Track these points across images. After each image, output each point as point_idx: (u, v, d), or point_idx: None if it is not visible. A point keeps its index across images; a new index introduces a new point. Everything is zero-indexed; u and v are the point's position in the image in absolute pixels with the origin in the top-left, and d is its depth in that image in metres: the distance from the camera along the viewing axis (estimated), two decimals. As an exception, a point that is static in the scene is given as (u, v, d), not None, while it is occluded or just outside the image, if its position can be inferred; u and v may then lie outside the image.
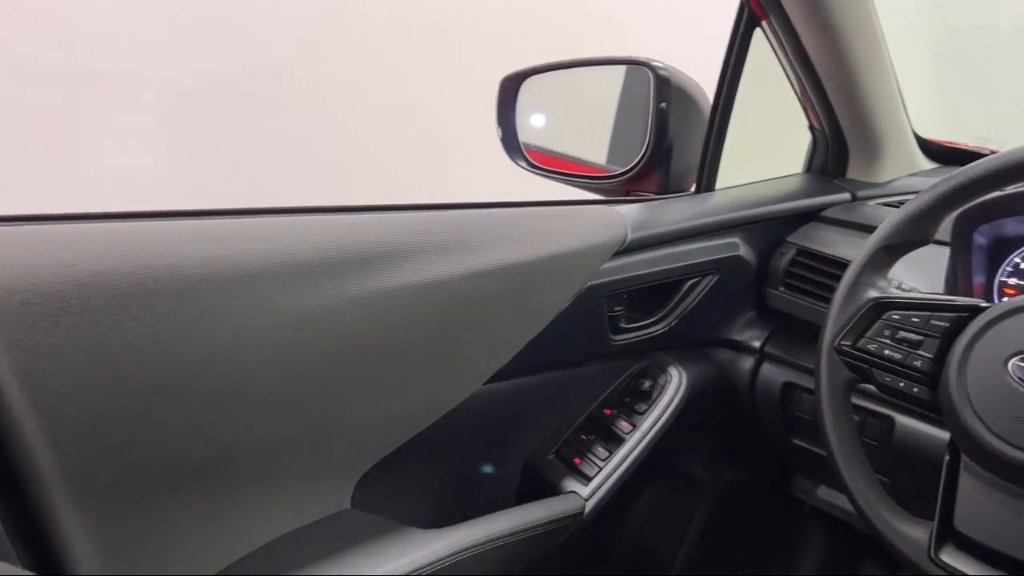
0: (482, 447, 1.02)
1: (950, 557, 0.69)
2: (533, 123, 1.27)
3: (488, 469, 1.05)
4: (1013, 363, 0.68)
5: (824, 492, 1.24)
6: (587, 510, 0.98)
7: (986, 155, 0.77)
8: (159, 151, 2.09)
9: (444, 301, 0.83)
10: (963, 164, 0.78)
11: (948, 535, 0.70)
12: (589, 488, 1.00)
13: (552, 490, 1.01)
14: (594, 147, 1.30)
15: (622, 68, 1.20)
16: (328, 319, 0.75)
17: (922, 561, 0.71)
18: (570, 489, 1.00)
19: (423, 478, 0.98)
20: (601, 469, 1.01)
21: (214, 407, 0.71)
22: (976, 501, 0.69)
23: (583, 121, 1.38)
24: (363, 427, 0.85)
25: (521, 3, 2.42)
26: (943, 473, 0.72)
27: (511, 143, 1.25)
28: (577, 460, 1.04)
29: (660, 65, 1.10)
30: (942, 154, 1.26)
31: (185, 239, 0.68)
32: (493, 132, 1.27)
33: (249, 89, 2.13)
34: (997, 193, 0.89)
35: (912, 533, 0.72)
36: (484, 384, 0.93)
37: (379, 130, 2.31)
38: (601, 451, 1.03)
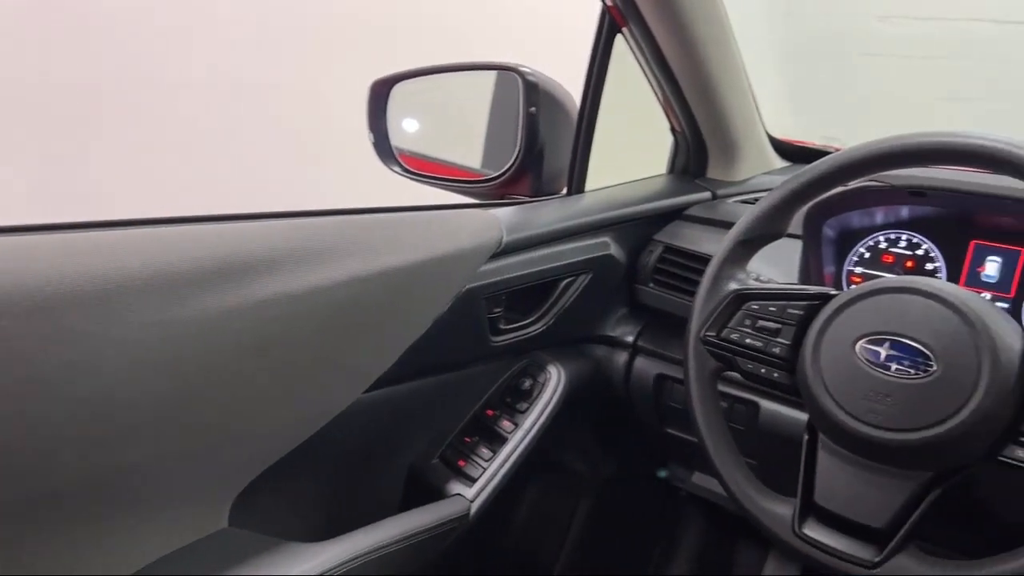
0: (365, 456, 1.01)
1: (812, 530, 0.74)
2: (406, 128, 1.27)
3: (372, 477, 1.04)
4: (860, 345, 0.73)
5: (698, 478, 1.30)
6: (472, 511, 0.99)
7: (831, 153, 0.82)
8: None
9: (321, 309, 0.82)
10: (811, 162, 0.84)
11: (810, 510, 0.75)
12: (474, 489, 1.00)
13: (437, 494, 1.01)
14: (468, 151, 1.31)
15: (493, 73, 1.22)
16: (196, 333, 0.72)
17: (787, 536, 0.75)
18: (455, 492, 1.00)
19: (305, 491, 0.96)
20: (485, 470, 1.02)
21: (74, 431, 0.67)
22: (833, 476, 0.74)
23: (456, 125, 1.39)
24: (239, 442, 0.82)
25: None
26: (803, 452, 0.77)
27: (383, 148, 1.24)
28: (462, 462, 1.04)
29: (528, 71, 1.12)
30: (793, 153, 1.34)
31: (35, 254, 0.64)
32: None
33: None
34: (841, 188, 0.96)
35: (777, 510, 0.77)
36: (365, 392, 0.92)
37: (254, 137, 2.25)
38: (485, 452, 1.04)
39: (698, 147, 1.26)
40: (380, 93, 1.23)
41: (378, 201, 0.94)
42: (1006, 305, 0.97)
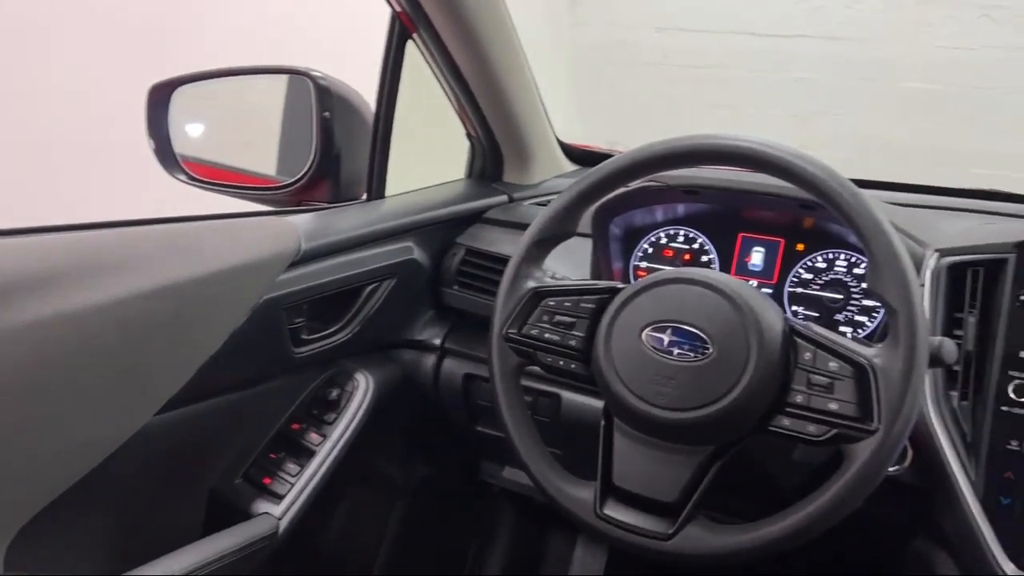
0: (161, 481, 0.95)
1: (612, 510, 0.78)
2: (191, 134, 1.21)
3: (170, 504, 0.98)
4: (646, 333, 0.78)
5: (508, 472, 1.33)
6: (281, 529, 0.96)
7: (614, 156, 0.87)
8: None
9: (103, 329, 0.76)
10: (597, 165, 0.88)
11: (609, 491, 0.79)
12: (281, 507, 0.97)
13: (243, 515, 0.97)
14: (261, 157, 1.26)
15: (284, 77, 1.19)
16: None
17: (589, 517, 0.79)
18: (262, 511, 0.97)
19: (94, 525, 0.89)
20: (293, 485, 0.99)
21: None
22: (629, 457, 0.79)
23: (247, 131, 1.34)
24: (14, 478, 0.75)
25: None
26: (600, 437, 0.81)
27: (166, 155, 1.17)
28: (267, 480, 1.00)
29: (319, 75, 1.10)
30: (581, 156, 1.41)
31: None
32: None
33: None
34: (624, 188, 1.03)
35: (580, 495, 0.80)
36: (156, 415, 0.86)
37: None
38: (292, 467, 1.01)
39: (493, 152, 1.30)
40: (160, 98, 1.16)
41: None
42: (770, 290, 1.07)
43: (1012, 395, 0.83)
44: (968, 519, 0.81)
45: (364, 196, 1.18)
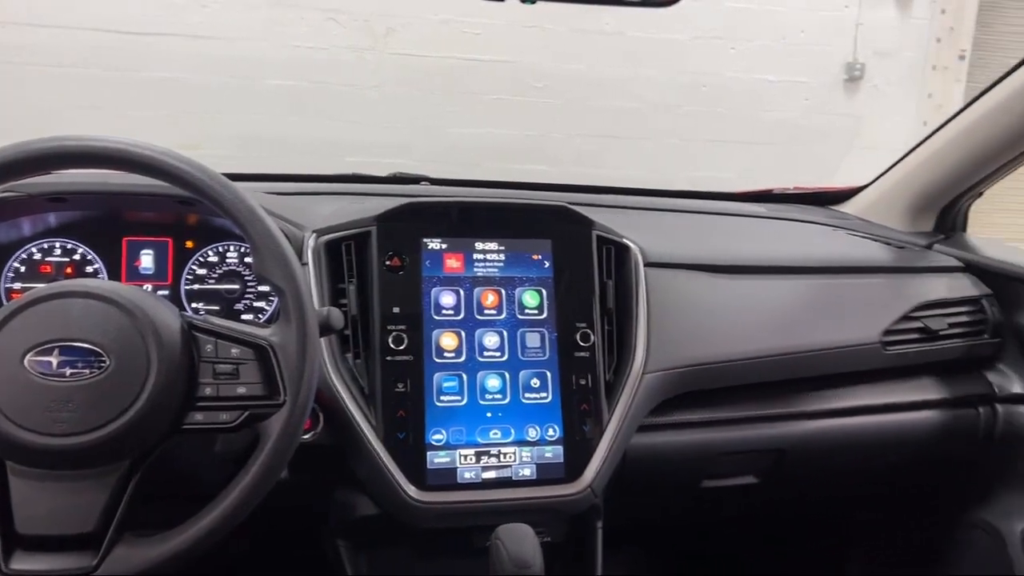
0: None
1: (21, 562, 0.70)
2: None
3: None
4: (29, 360, 0.71)
5: None
6: None
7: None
8: None
9: None
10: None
11: (14, 543, 0.70)
12: None
13: None
14: None
15: None
16: None
17: None
18: None
19: None
20: None
21: None
22: (31, 499, 0.71)
23: None
24: None
25: None
26: None
27: None
28: None
29: None
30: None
31: None
32: None
33: None
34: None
35: None
36: None
37: None
38: None
39: None
40: None
41: None
42: (166, 292, 1.05)
43: (392, 345, 0.96)
44: (375, 459, 0.93)
45: None
